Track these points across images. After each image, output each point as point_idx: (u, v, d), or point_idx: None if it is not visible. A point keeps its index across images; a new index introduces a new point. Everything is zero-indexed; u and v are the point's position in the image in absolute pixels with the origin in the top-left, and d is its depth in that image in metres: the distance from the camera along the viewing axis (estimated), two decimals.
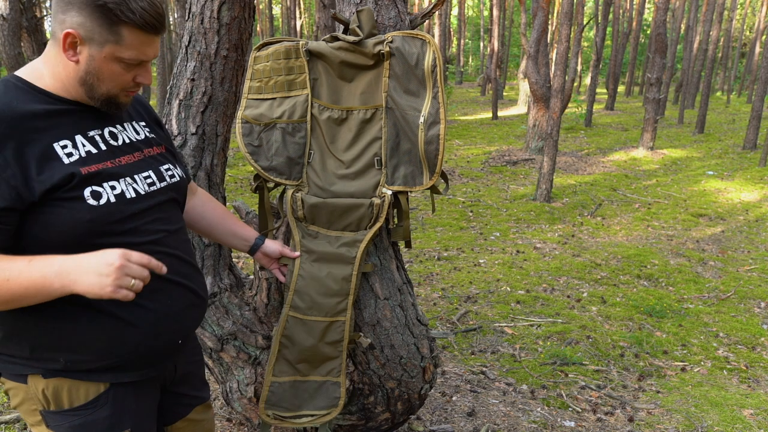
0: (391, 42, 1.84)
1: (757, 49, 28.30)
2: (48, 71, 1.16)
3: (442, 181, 1.93)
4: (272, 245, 1.82)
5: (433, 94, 1.83)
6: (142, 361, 1.25)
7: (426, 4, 26.93)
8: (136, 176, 1.22)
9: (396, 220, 2.02)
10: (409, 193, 1.97)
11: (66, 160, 1.11)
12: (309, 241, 2.00)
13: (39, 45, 7.71)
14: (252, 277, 2.33)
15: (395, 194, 1.94)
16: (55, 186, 1.08)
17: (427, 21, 6.99)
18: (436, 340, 2.82)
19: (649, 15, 33.05)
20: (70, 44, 1.11)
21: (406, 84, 1.87)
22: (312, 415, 2.01)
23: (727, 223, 7.19)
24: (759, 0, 33.99)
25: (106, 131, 1.22)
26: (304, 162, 2.00)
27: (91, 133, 1.19)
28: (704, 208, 7.78)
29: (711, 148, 12.91)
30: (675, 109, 22.08)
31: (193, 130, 2.22)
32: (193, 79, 2.21)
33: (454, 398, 3.00)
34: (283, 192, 2.05)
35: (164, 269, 1.13)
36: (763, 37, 27.71)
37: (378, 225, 1.92)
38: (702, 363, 3.56)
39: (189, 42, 2.20)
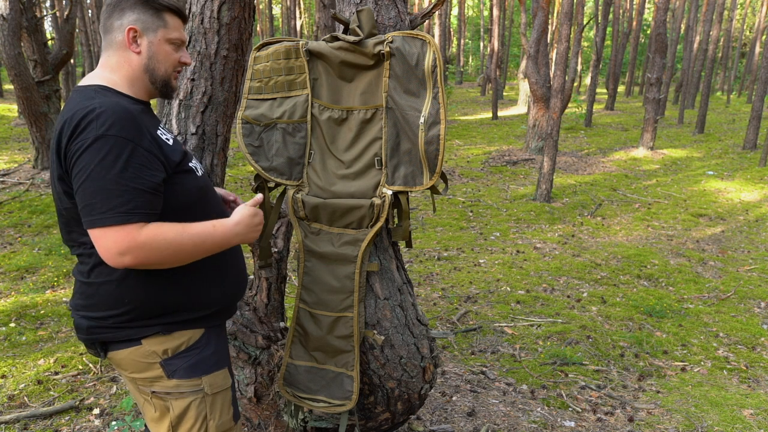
0: (392, 42, 1.84)
1: (757, 49, 28.30)
2: (119, 77, 1.42)
3: (442, 181, 1.93)
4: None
5: (434, 95, 1.83)
6: (226, 304, 1.55)
7: (426, 4, 26.92)
8: (194, 160, 1.54)
9: (396, 220, 2.02)
10: (409, 193, 1.97)
11: (170, 143, 1.41)
12: (311, 240, 2.01)
13: (39, 45, 7.70)
14: (252, 277, 2.33)
15: (395, 194, 1.93)
16: (180, 161, 1.40)
17: (427, 21, 7.00)
18: (436, 340, 2.82)
19: (649, 15, 33.05)
20: (133, 38, 1.40)
21: (406, 84, 1.86)
22: (328, 402, 2.04)
23: (727, 223, 7.18)
24: (759, 0, 33.98)
25: (164, 127, 1.50)
26: (304, 162, 2.00)
27: (160, 127, 1.46)
28: (704, 208, 7.78)
29: (711, 148, 12.91)
30: (675, 109, 22.08)
31: (193, 130, 2.22)
32: (193, 79, 2.21)
33: (454, 398, 3.00)
34: (284, 192, 2.05)
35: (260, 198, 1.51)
36: (763, 37, 27.71)
37: (379, 225, 1.92)
38: (702, 363, 3.56)
39: (189, 42, 2.20)
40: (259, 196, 1.48)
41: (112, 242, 1.24)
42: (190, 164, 1.47)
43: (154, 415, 1.49)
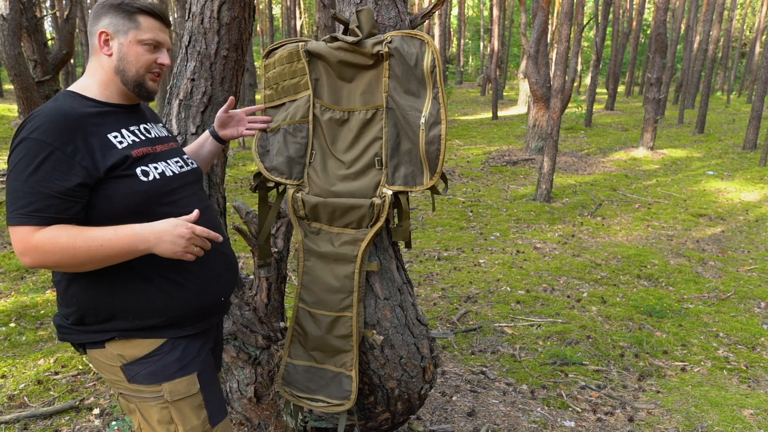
0: (390, 42, 1.84)
1: (757, 49, 28.29)
2: (93, 81, 1.47)
3: (442, 181, 1.93)
4: (219, 114, 1.85)
5: (434, 95, 1.83)
6: (193, 316, 1.51)
7: (426, 4, 26.92)
8: (169, 160, 1.52)
9: (396, 220, 2.02)
10: (409, 193, 1.98)
11: (119, 146, 1.40)
12: (311, 240, 2.01)
13: (39, 45, 7.70)
14: (252, 277, 2.33)
15: (395, 194, 1.94)
16: (115, 165, 1.36)
17: (427, 21, 7.00)
18: (436, 340, 2.82)
19: (649, 15, 33.04)
20: (104, 41, 1.44)
21: (406, 84, 1.86)
22: (326, 402, 2.04)
23: (727, 223, 7.18)
24: (759, 0, 33.98)
25: (141, 127, 1.52)
26: (305, 162, 2.00)
27: (132, 128, 1.48)
28: (704, 208, 7.78)
29: (711, 148, 12.91)
30: (675, 109, 22.07)
31: (193, 130, 2.22)
32: (193, 79, 2.21)
33: (454, 398, 3.00)
34: (283, 191, 2.06)
35: (221, 239, 1.41)
36: (763, 37, 27.71)
37: (379, 225, 1.92)
38: (702, 363, 3.56)
39: (189, 42, 2.20)
40: (195, 212, 1.39)
41: (14, 242, 1.30)
42: (139, 168, 1.41)
43: (128, 414, 1.56)
